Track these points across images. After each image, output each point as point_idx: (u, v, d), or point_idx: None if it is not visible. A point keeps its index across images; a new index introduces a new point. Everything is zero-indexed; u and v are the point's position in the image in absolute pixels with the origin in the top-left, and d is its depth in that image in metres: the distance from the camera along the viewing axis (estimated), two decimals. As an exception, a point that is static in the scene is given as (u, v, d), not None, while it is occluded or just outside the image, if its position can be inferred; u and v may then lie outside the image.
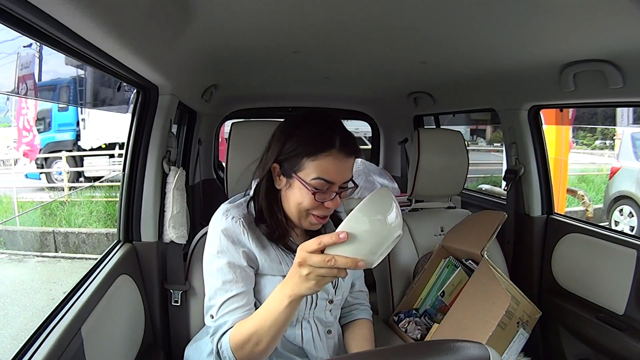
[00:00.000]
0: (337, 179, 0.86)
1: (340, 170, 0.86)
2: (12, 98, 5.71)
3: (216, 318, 0.87)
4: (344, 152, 0.86)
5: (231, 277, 0.88)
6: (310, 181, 0.85)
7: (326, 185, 0.86)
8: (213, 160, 2.69)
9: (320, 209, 0.88)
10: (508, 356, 1.11)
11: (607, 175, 5.63)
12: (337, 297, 1.00)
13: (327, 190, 0.86)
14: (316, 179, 0.85)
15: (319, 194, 0.85)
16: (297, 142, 0.87)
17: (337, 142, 0.86)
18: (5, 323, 3.54)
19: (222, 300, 0.87)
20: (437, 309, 1.32)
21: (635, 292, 1.26)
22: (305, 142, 0.86)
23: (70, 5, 0.58)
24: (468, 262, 1.33)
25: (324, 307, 0.98)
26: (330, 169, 0.85)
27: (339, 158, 0.86)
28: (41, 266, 5.00)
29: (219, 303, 0.87)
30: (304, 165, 0.86)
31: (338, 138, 0.86)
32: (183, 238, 1.25)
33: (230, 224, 0.90)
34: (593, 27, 0.93)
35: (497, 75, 1.50)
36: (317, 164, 0.85)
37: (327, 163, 0.85)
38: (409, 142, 2.55)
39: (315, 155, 0.85)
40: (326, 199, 0.87)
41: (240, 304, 0.87)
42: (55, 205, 5.88)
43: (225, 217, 0.91)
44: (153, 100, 1.19)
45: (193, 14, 0.89)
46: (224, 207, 0.95)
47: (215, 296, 0.89)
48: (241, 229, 0.90)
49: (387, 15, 0.93)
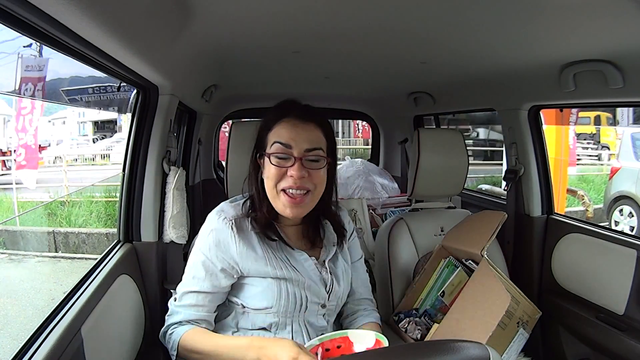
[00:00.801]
0: (294, 143, 0.88)
1: (297, 134, 0.89)
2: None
3: (176, 304, 0.95)
4: (300, 118, 0.90)
5: (201, 275, 0.92)
6: (269, 150, 0.90)
7: (284, 149, 0.88)
8: (213, 160, 2.69)
9: (285, 180, 0.88)
10: (508, 356, 1.11)
11: (607, 175, 5.64)
12: (330, 303, 0.98)
13: (288, 158, 0.89)
14: (273, 144, 0.89)
15: (278, 160, 0.89)
16: (262, 124, 0.94)
17: (292, 111, 0.91)
18: (6, 323, 3.54)
19: (185, 290, 0.94)
20: (437, 309, 1.32)
21: (635, 292, 1.26)
22: (266, 119, 0.93)
23: (70, 6, 0.58)
24: (468, 262, 1.33)
25: (315, 311, 0.96)
26: (284, 133, 0.89)
27: (295, 123, 0.90)
28: (41, 266, 5.00)
29: (182, 291, 0.94)
30: (268, 140, 0.91)
31: (295, 109, 0.92)
32: (183, 238, 1.25)
33: (221, 226, 0.92)
34: (593, 27, 0.93)
35: (497, 75, 1.50)
36: (273, 132, 0.91)
37: (282, 128, 0.90)
38: (409, 142, 2.55)
39: (273, 126, 0.91)
40: (286, 166, 0.88)
41: (197, 303, 0.93)
42: (55, 205, 5.88)
43: (218, 217, 0.93)
44: (153, 100, 1.19)
45: (193, 14, 0.89)
46: (220, 206, 0.97)
47: (183, 284, 0.95)
48: (229, 232, 0.91)
49: (387, 15, 0.93)
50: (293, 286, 0.92)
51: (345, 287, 1.02)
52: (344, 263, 1.03)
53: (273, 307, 0.91)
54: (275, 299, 0.91)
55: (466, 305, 1.15)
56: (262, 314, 0.92)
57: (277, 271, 0.92)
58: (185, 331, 0.91)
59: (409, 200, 1.58)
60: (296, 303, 0.93)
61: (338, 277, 0.99)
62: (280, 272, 0.92)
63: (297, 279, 0.93)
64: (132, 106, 1.23)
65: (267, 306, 0.91)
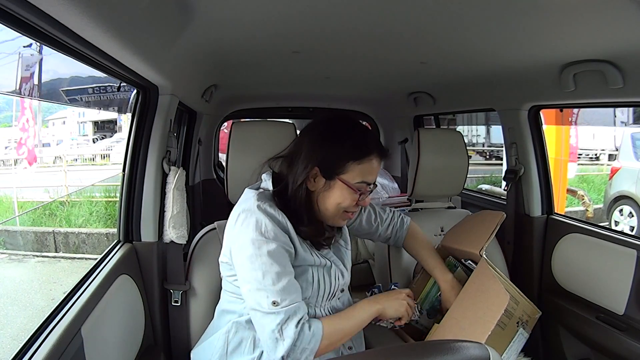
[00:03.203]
0: (373, 180, 0.96)
1: (376, 173, 0.97)
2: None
3: (285, 304, 0.84)
4: (379, 156, 0.96)
5: (287, 261, 0.88)
6: (355, 183, 0.92)
7: (367, 186, 0.95)
8: (213, 160, 2.69)
9: (355, 206, 0.96)
10: (508, 356, 1.11)
11: (607, 175, 5.64)
12: (345, 286, 1.05)
13: (364, 191, 0.95)
14: (361, 182, 0.93)
15: (361, 195, 0.94)
16: (342, 147, 0.92)
17: (376, 148, 0.95)
18: (6, 323, 3.54)
19: (285, 284, 0.85)
20: (436, 309, 1.32)
21: (635, 292, 1.26)
22: (352, 147, 0.92)
23: (70, 6, 0.58)
24: (467, 262, 1.33)
25: (338, 296, 1.03)
26: (372, 172, 0.95)
27: (377, 161, 0.96)
28: (41, 266, 5.00)
29: (281, 287, 0.84)
30: (348, 168, 0.92)
31: (376, 144, 0.96)
32: (183, 238, 1.25)
33: (273, 212, 0.90)
34: (593, 27, 0.93)
35: (497, 75, 1.50)
36: (361, 167, 0.93)
37: (370, 167, 0.94)
38: (409, 142, 2.55)
39: (361, 160, 0.92)
40: (363, 198, 0.95)
41: (300, 293, 0.89)
42: (55, 206, 5.88)
43: (263, 203, 0.90)
44: (153, 100, 1.19)
45: (193, 14, 0.89)
46: (254, 194, 0.93)
47: (273, 281, 0.84)
48: (282, 217, 0.90)
49: (387, 15, 0.93)
50: (329, 275, 0.97)
51: (349, 268, 1.07)
52: (344, 244, 1.08)
53: (311, 297, 0.94)
54: (313, 288, 0.94)
55: (465, 305, 1.15)
56: None
57: (319, 259, 0.96)
58: (319, 325, 0.87)
59: (409, 200, 1.58)
60: (329, 291, 0.97)
61: (343, 261, 1.05)
62: (321, 260, 0.96)
63: (329, 265, 0.98)
64: (132, 106, 1.23)
65: (307, 296, 0.93)
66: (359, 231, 1.24)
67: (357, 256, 2.30)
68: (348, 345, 1.01)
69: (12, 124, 6.63)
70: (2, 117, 7.53)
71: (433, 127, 2.55)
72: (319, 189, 0.93)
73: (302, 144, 0.95)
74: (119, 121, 11.97)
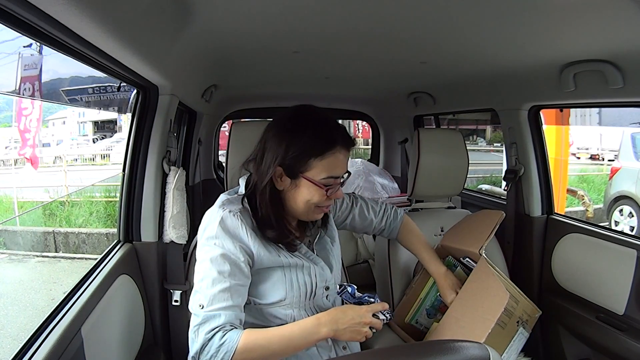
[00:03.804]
0: (342, 172, 0.93)
1: (343, 164, 0.93)
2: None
3: (208, 309, 0.84)
4: (345, 147, 0.92)
5: (226, 269, 0.86)
6: (320, 180, 0.90)
7: (335, 180, 0.92)
8: (213, 160, 2.69)
9: (326, 200, 0.94)
10: (508, 356, 1.11)
11: (607, 175, 5.63)
12: (331, 283, 1.00)
13: (333, 184, 0.92)
14: (326, 177, 0.90)
15: (329, 190, 0.91)
16: (302, 145, 0.89)
17: (339, 139, 0.91)
18: (6, 323, 3.54)
19: (216, 290, 0.85)
20: (436, 309, 1.32)
21: (635, 292, 1.26)
22: (311, 143, 0.89)
23: (70, 6, 0.58)
24: (465, 259, 1.33)
25: (322, 295, 0.98)
26: (337, 166, 0.91)
27: (343, 153, 0.92)
28: (41, 266, 5.00)
29: (212, 293, 0.85)
30: (311, 165, 0.89)
31: (339, 135, 0.91)
32: (183, 238, 1.25)
33: (228, 217, 0.89)
34: (593, 27, 0.93)
35: (497, 75, 1.50)
36: (324, 162, 0.90)
37: (334, 160, 0.90)
38: (409, 142, 2.55)
39: (323, 155, 0.89)
40: (333, 192, 0.93)
41: (234, 303, 0.85)
42: (55, 205, 5.88)
43: (223, 209, 0.91)
44: (153, 100, 1.19)
45: (193, 14, 0.89)
46: (221, 200, 0.95)
47: (207, 285, 0.86)
48: (238, 222, 0.89)
49: (387, 15, 0.93)
50: (303, 274, 0.94)
51: (337, 264, 1.04)
52: (330, 240, 1.05)
53: (286, 299, 0.92)
54: (287, 289, 0.92)
55: (465, 304, 1.15)
56: (276, 308, 0.92)
57: (288, 259, 0.92)
58: (239, 335, 0.82)
59: (409, 200, 1.58)
60: (307, 290, 0.94)
61: (328, 258, 1.02)
62: (292, 260, 0.93)
63: (302, 264, 0.95)
64: (132, 106, 1.23)
65: (280, 298, 0.92)
66: (354, 227, 1.24)
67: (357, 256, 2.30)
68: (342, 345, 1.00)
69: (12, 124, 6.62)
70: (2, 117, 7.52)
71: (433, 127, 2.55)
72: (286, 187, 0.92)
73: (265, 143, 0.93)
74: (119, 121, 11.97)
